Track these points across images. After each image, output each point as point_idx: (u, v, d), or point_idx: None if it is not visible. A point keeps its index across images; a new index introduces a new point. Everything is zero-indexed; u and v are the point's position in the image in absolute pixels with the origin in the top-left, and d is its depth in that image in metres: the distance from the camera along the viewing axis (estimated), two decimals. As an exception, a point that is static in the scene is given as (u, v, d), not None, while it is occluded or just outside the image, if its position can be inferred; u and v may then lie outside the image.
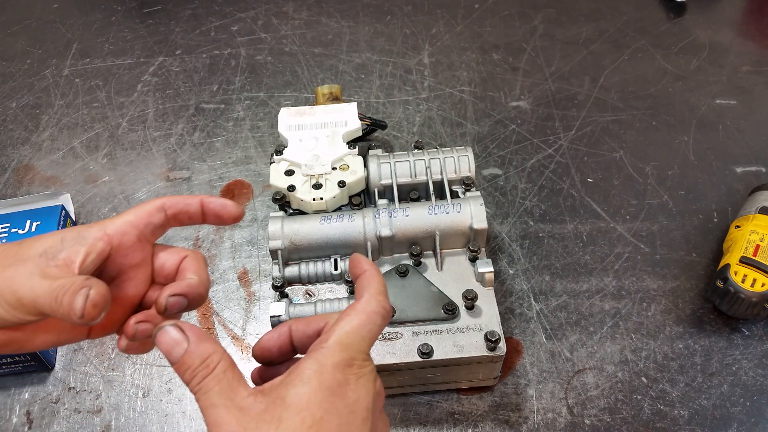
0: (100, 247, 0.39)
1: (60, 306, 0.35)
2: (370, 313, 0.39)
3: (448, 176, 0.66)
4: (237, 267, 0.72)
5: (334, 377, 0.36)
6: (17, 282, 0.37)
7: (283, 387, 0.36)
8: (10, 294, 0.37)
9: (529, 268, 0.71)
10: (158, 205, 0.42)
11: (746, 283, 0.61)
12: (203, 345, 0.37)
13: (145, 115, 0.88)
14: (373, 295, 0.40)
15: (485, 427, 0.59)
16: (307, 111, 0.70)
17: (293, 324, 0.44)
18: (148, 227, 0.42)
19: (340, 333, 0.38)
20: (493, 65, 0.94)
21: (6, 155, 0.84)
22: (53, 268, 0.37)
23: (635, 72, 0.92)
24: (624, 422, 0.59)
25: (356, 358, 0.37)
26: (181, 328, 0.38)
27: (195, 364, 0.37)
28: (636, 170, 0.80)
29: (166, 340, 0.38)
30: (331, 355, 0.37)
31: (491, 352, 0.56)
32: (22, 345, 0.41)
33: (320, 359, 0.37)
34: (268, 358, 0.44)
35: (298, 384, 0.36)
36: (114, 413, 0.61)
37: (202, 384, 0.36)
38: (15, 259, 0.38)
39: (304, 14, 1.03)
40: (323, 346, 0.37)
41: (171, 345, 0.38)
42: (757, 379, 0.62)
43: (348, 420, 0.36)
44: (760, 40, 0.97)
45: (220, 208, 0.44)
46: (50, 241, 0.39)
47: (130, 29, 1.01)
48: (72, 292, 0.35)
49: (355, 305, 0.40)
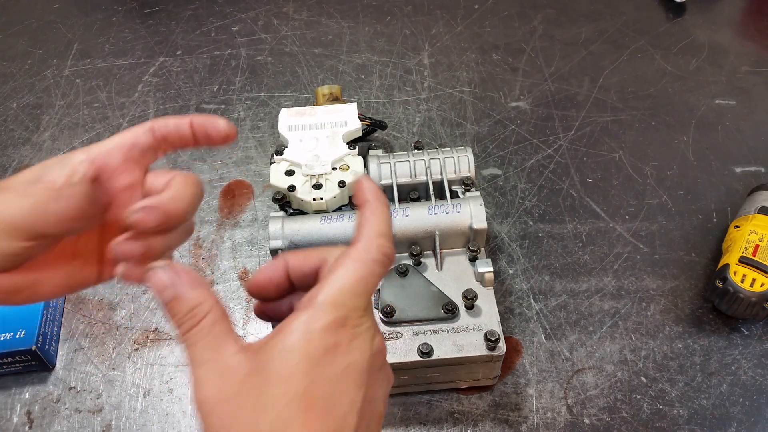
0: (84, 168, 0.38)
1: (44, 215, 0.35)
2: (368, 262, 0.35)
3: (448, 176, 0.66)
4: (237, 267, 0.72)
5: (323, 343, 0.33)
6: (3, 206, 0.35)
7: (269, 351, 0.33)
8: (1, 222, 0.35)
9: (529, 267, 0.71)
10: (147, 127, 0.41)
11: (745, 282, 0.62)
12: (192, 292, 0.35)
13: (146, 116, 0.88)
14: (371, 239, 0.35)
15: (485, 427, 0.60)
16: (308, 111, 0.70)
17: (290, 258, 0.40)
18: (135, 148, 0.40)
19: (332, 290, 0.34)
20: (492, 65, 0.94)
21: (7, 155, 0.84)
22: (37, 189, 0.36)
23: (635, 72, 0.92)
24: (623, 422, 0.60)
25: (350, 316, 0.34)
26: (172, 271, 0.36)
27: (182, 311, 0.35)
28: (635, 170, 0.80)
29: (155, 281, 0.36)
30: (321, 316, 0.33)
31: (491, 351, 0.56)
32: (33, 291, 0.39)
33: (308, 322, 0.33)
34: (264, 295, 0.41)
35: (282, 351, 0.33)
36: (115, 413, 0.61)
37: (188, 335, 0.34)
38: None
39: (304, 15, 1.03)
40: (312, 305, 0.34)
41: (160, 287, 0.36)
42: (756, 379, 0.62)
43: (338, 389, 0.33)
44: (760, 41, 0.97)
45: (209, 125, 0.41)
46: (34, 170, 0.37)
47: (130, 29, 1.01)
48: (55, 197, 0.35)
49: (351, 252, 0.35)
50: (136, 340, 0.66)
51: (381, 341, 0.36)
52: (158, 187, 0.40)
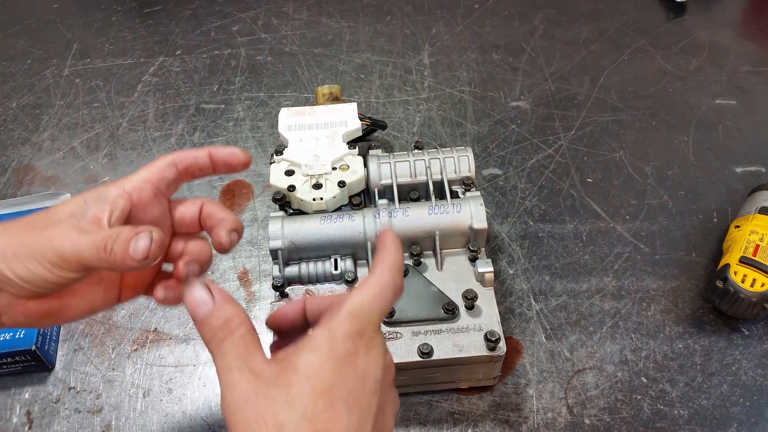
0: (122, 203, 0.41)
1: (110, 254, 0.37)
2: (382, 286, 0.39)
3: (448, 176, 0.66)
4: (237, 267, 0.72)
5: (345, 346, 0.36)
6: (57, 240, 0.38)
7: (295, 354, 0.36)
8: (51, 252, 0.38)
9: (529, 268, 0.71)
10: (169, 161, 0.45)
11: (746, 283, 0.62)
12: (226, 307, 0.39)
13: (146, 116, 0.88)
14: (386, 270, 0.40)
15: (485, 427, 0.60)
16: (307, 111, 0.70)
17: (308, 300, 0.45)
18: (162, 182, 0.44)
19: (353, 304, 0.38)
20: (493, 65, 0.94)
21: (6, 155, 0.84)
22: (86, 224, 0.39)
23: (635, 72, 0.92)
24: (624, 422, 0.60)
25: (367, 329, 0.38)
26: (208, 288, 0.39)
27: (216, 325, 0.38)
28: (636, 170, 0.80)
29: (192, 298, 0.39)
30: (342, 324, 0.37)
31: (491, 351, 0.56)
32: (59, 314, 0.42)
33: (331, 328, 0.37)
34: (279, 328, 0.45)
35: (309, 351, 0.36)
36: (114, 413, 0.61)
37: (221, 346, 0.37)
38: (47, 222, 0.40)
39: (304, 14, 1.03)
40: (335, 316, 0.38)
41: (197, 303, 0.39)
42: (756, 379, 0.62)
43: (357, 389, 0.36)
44: (760, 40, 0.97)
45: (228, 155, 0.46)
46: (75, 203, 0.41)
47: (130, 29, 1.01)
48: (123, 239, 0.37)
49: (369, 278, 0.40)
50: (135, 341, 0.66)
51: (391, 360, 0.40)
52: (191, 214, 0.46)
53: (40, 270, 0.38)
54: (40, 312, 0.41)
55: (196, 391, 0.62)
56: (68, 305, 0.42)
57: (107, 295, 0.45)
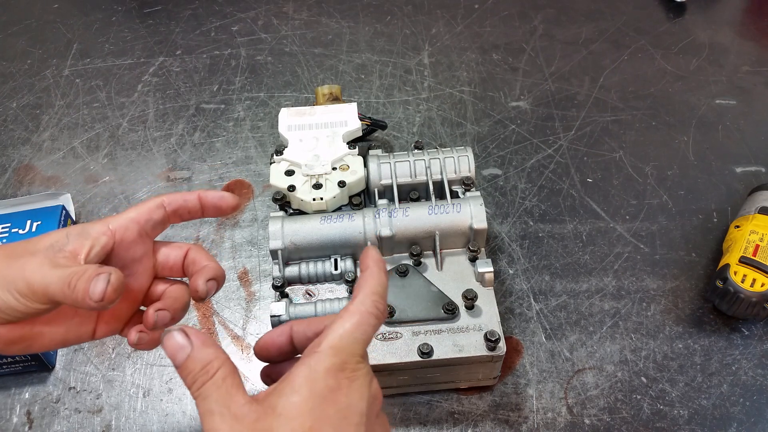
0: (104, 241, 0.41)
1: (73, 291, 0.37)
2: (364, 314, 0.39)
3: (448, 176, 0.66)
4: (237, 267, 0.72)
5: (326, 383, 0.36)
6: (28, 271, 0.38)
7: (276, 395, 0.36)
8: (22, 282, 0.38)
9: (529, 268, 0.71)
10: (158, 202, 0.45)
11: (746, 283, 0.62)
12: (205, 351, 0.38)
13: (146, 116, 0.88)
14: (367, 295, 0.39)
15: (485, 427, 0.60)
16: (307, 111, 0.70)
17: (294, 324, 0.44)
18: (148, 223, 0.44)
19: (333, 337, 0.38)
20: (493, 65, 0.94)
21: (6, 155, 0.84)
22: (61, 258, 0.39)
23: (635, 72, 0.92)
24: (624, 422, 0.60)
25: (348, 361, 0.37)
26: (186, 333, 0.39)
27: (196, 369, 0.37)
28: (636, 170, 0.80)
29: (171, 344, 0.39)
30: (323, 360, 0.37)
31: (491, 351, 0.56)
32: (30, 343, 0.42)
33: (312, 365, 0.37)
34: (268, 356, 0.45)
35: (289, 393, 0.36)
36: (114, 413, 0.61)
37: (201, 389, 0.37)
38: (24, 252, 0.40)
39: (304, 14, 1.03)
40: (315, 351, 0.37)
41: (175, 349, 0.38)
42: (756, 379, 0.62)
43: (340, 427, 0.36)
44: (760, 40, 0.97)
45: (218, 200, 0.46)
46: (56, 236, 0.41)
47: (130, 29, 1.01)
48: (87, 278, 0.37)
49: (349, 306, 0.39)
50: (135, 341, 0.66)
51: (377, 388, 0.39)
52: (175, 257, 0.46)
53: (8, 298, 0.38)
54: (9, 338, 0.41)
55: (196, 391, 0.62)
56: (40, 334, 0.42)
57: (81, 329, 0.44)
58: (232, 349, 0.65)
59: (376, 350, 0.56)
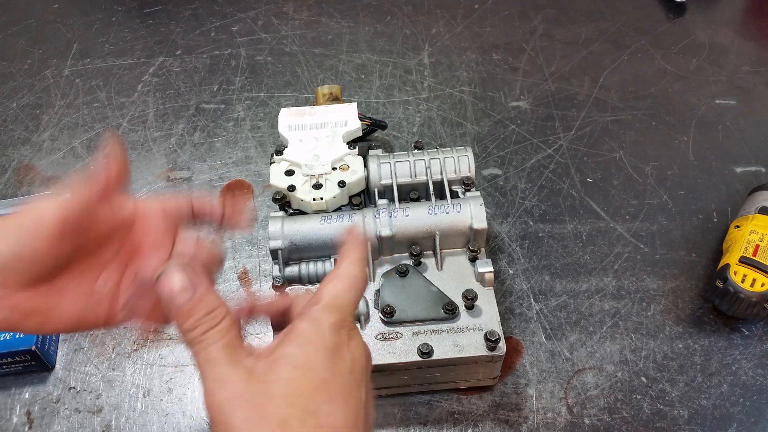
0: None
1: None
2: (353, 278, 0.39)
3: (448, 176, 0.66)
4: (237, 267, 0.72)
5: (332, 338, 0.36)
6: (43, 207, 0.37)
7: (286, 346, 0.35)
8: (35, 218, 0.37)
9: (529, 268, 0.71)
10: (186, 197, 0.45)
11: (746, 283, 0.62)
12: (212, 295, 0.36)
13: (146, 116, 0.88)
14: (354, 261, 0.40)
15: (485, 427, 0.60)
16: (307, 111, 0.70)
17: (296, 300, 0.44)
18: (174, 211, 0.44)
19: (330, 296, 0.38)
20: (493, 65, 0.94)
21: (6, 155, 0.84)
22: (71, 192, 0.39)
23: (635, 72, 0.92)
24: (624, 422, 0.60)
25: (346, 319, 0.38)
26: (190, 272, 0.36)
27: (199, 314, 0.35)
28: (636, 170, 0.80)
29: (170, 282, 0.36)
30: (326, 316, 0.37)
31: (491, 351, 0.56)
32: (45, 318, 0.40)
33: (316, 319, 0.37)
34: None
35: (302, 344, 0.35)
36: (114, 413, 0.61)
37: (204, 336, 0.35)
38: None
39: (304, 14, 1.03)
40: (315, 307, 0.37)
41: (177, 289, 0.35)
42: (756, 379, 0.62)
43: (349, 380, 0.36)
44: (760, 40, 0.97)
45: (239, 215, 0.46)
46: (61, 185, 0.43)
47: (130, 29, 1.01)
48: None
49: (337, 271, 0.40)
50: (135, 340, 0.66)
51: (368, 349, 0.40)
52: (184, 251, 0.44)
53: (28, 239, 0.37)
54: (27, 308, 0.39)
55: (196, 391, 0.62)
56: (56, 307, 0.41)
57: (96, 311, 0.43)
58: (232, 349, 0.65)
59: (376, 350, 0.56)
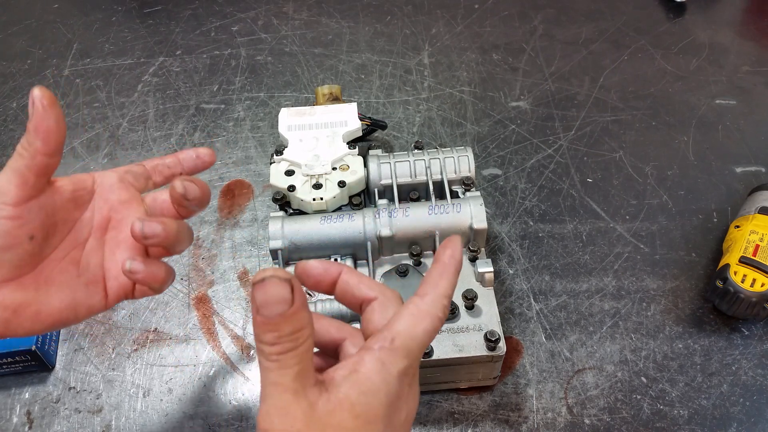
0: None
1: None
2: (434, 318, 0.36)
3: (448, 176, 0.66)
4: (237, 267, 0.72)
5: (396, 388, 0.34)
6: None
7: (351, 388, 0.34)
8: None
9: (529, 268, 0.71)
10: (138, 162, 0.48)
11: (746, 283, 0.62)
12: (302, 313, 0.33)
13: (146, 116, 0.88)
14: (440, 297, 0.37)
15: (485, 427, 0.60)
16: (307, 111, 0.70)
17: (345, 273, 0.40)
18: (128, 173, 0.47)
19: (407, 337, 0.35)
20: (493, 65, 0.94)
21: (7, 155, 0.84)
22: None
23: (635, 72, 0.92)
24: (624, 422, 0.60)
25: (413, 365, 0.36)
26: (291, 286, 0.32)
27: (286, 331, 0.32)
28: (636, 170, 0.80)
29: (270, 292, 0.32)
30: (397, 361, 0.35)
31: (491, 351, 0.56)
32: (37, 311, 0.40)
33: (387, 365, 0.34)
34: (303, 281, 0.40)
35: (366, 392, 0.34)
36: (114, 413, 0.61)
37: (280, 357, 0.32)
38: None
39: (304, 14, 1.03)
40: (390, 348, 0.35)
41: (273, 300, 0.32)
42: (756, 379, 0.62)
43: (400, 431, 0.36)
44: (760, 40, 0.97)
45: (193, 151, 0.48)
46: None
47: (130, 29, 1.01)
48: None
49: (421, 305, 0.37)
50: (135, 341, 0.66)
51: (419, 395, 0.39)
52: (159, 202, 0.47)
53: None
54: (15, 301, 0.39)
55: (196, 391, 0.62)
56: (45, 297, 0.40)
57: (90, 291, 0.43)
58: (232, 349, 0.65)
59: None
